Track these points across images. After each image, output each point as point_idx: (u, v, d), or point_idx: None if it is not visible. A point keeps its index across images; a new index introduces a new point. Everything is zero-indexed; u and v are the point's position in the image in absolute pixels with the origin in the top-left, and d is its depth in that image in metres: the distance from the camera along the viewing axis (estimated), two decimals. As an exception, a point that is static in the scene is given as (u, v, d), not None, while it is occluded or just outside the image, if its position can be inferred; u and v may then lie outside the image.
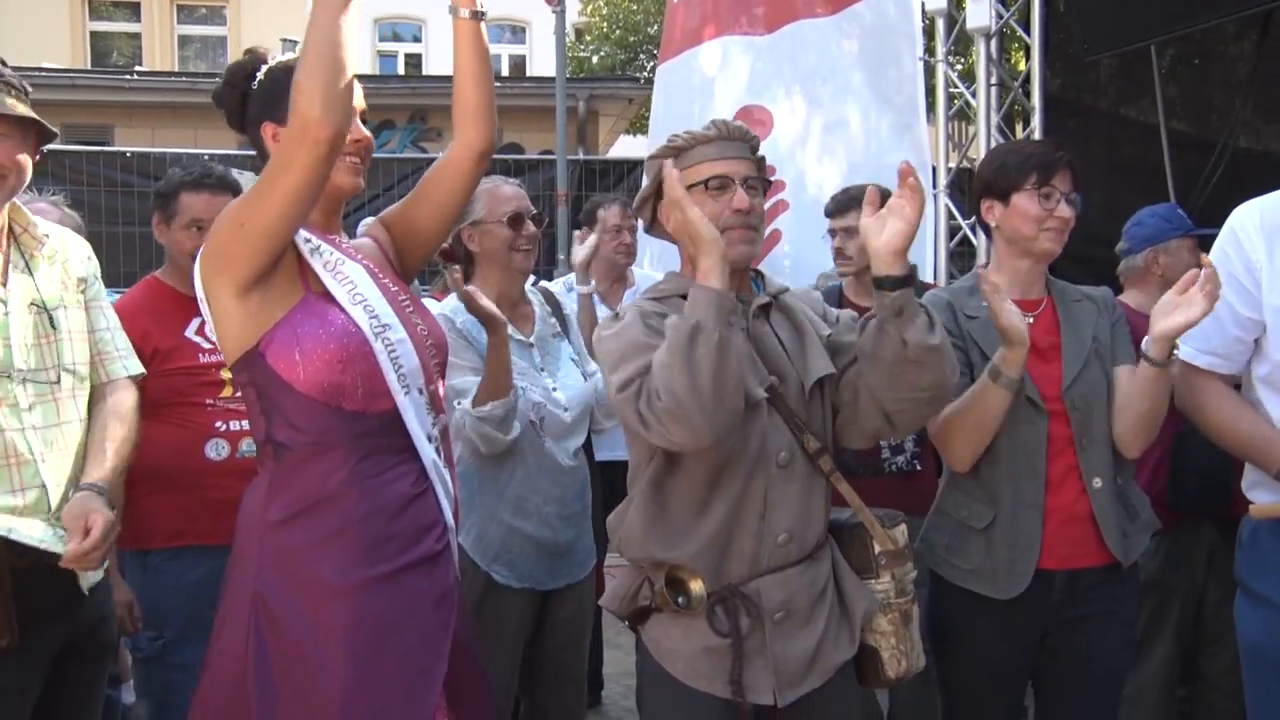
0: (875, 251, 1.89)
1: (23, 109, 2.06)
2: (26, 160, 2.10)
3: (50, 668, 2.11)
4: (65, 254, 2.25)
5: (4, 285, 2.11)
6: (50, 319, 2.14)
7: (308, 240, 1.91)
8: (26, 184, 2.15)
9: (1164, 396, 2.27)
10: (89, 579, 2.14)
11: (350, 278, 1.91)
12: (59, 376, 2.14)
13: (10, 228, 2.16)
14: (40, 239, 2.19)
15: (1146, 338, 2.18)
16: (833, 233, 3.47)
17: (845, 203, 3.44)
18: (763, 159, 2.10)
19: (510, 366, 2.61)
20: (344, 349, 1.82)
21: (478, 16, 2.02)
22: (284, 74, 1.93)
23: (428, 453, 1.91)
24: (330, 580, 1.79)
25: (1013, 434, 2.27)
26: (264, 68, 1.99)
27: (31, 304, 2.12)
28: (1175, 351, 2.20)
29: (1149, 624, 3.23)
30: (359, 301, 1.88)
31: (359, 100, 1.97)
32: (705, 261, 1.83)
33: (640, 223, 2.21)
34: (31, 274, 2.15)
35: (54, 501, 2.05)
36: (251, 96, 1.99)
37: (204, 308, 1.87)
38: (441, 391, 2.04)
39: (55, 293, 2.18)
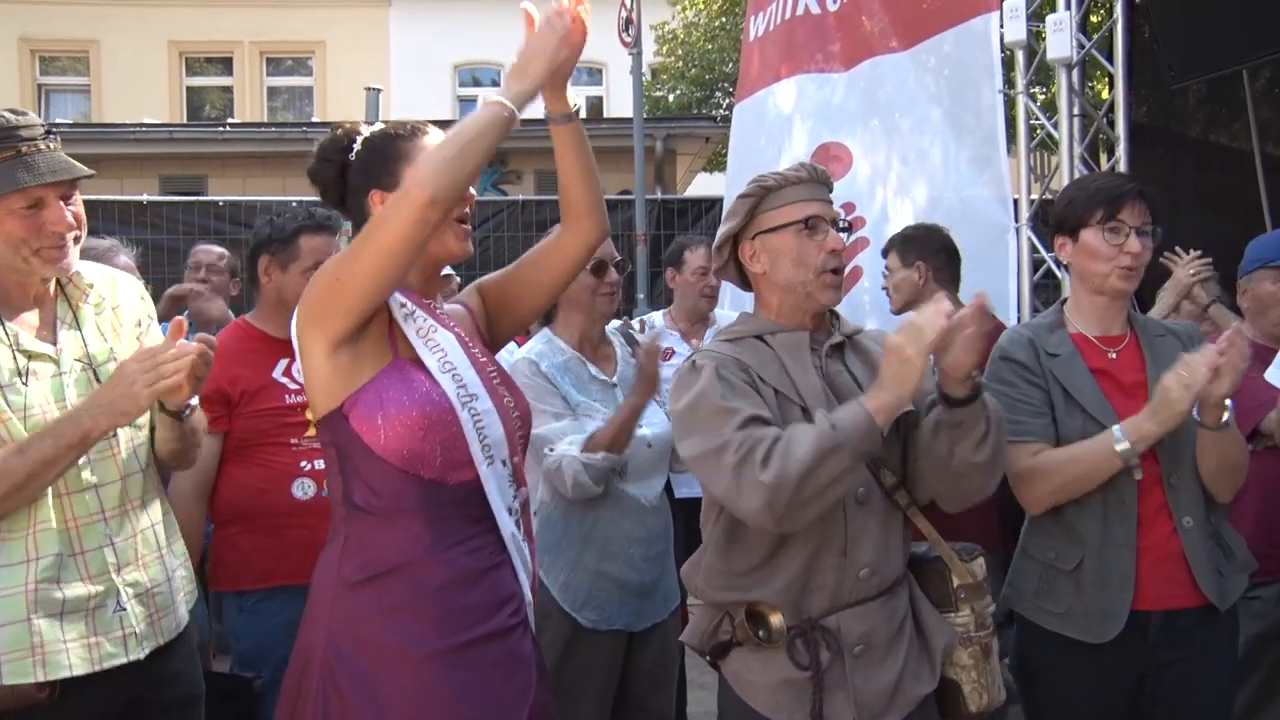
0: (943, 369, 1.89)
1: (85, 168, 2.07)
2: None
3: None
4: (115, 298, 2.19)
5: (54, 344, 2.05)
6: (95, 375, 2.07)
7: (403, 305, 1.90)
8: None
9: (1234, 451, 2.22)
10: (147, 643, 2.07)
11: (441, 345, 1.89)
12: (114, 432, 2.06)
13: (58, 280, 2.10)
14: (84, 289, 2.13)
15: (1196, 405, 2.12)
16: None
17: None
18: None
19: (635, 429, 2.64)
20: (426, 416, 1.80)
21: (571, 119, 2.00)
22: (384, 141, 1.95)
23: (507, 525, 1.88)
24: (400, 650, 1.77)
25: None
26: (359, 139, 1.98)
27: (77, 360, 2.06)
28: (1225, 415, 2.14)
29: (1269, 677, 3.09)
30: (448, 370, 1.87)
31: None
32: (890, 397, 1.82)
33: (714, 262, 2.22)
34: (80, 327, 2.10)
35: (114, 563, 2.04)
36: (351, 168, 1.97)
37: (299, 358, 1.87)
38: (524, 464, 2.01)
39: (103, 345, 2.12)
